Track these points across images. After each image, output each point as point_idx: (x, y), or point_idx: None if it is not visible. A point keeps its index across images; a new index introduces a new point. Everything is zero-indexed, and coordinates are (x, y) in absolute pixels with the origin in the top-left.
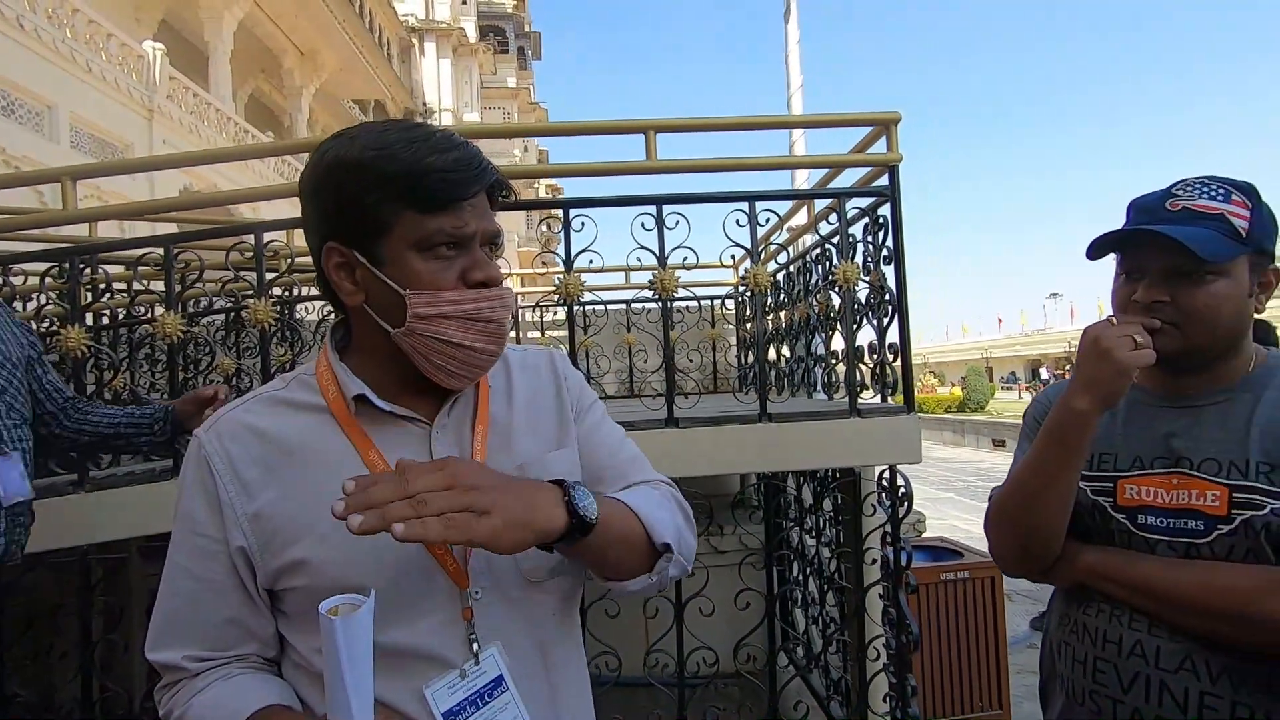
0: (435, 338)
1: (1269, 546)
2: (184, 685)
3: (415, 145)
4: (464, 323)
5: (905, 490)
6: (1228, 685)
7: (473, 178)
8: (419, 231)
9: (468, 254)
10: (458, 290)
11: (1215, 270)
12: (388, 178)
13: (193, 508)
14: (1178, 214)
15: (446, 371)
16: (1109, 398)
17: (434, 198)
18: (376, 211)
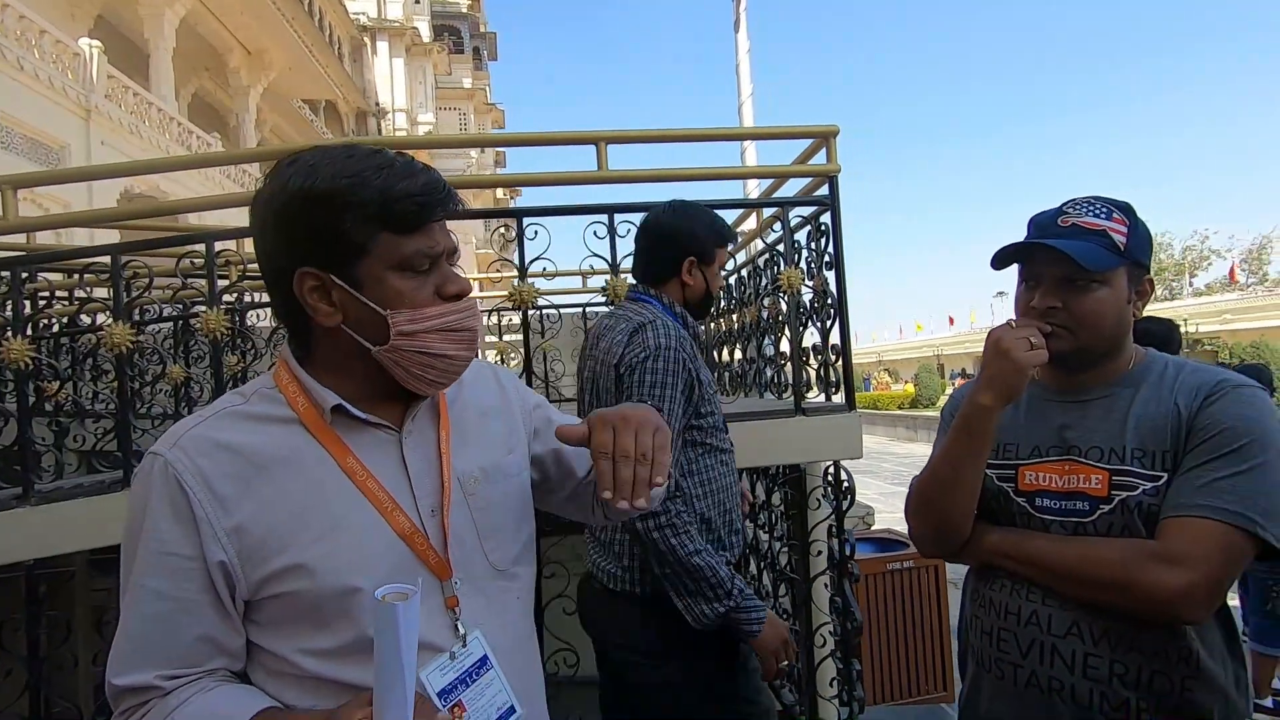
0: (419, 351)
1: (1140, 522)
2: (155, 705)
3: (384, 171)
4: (444, 334)
5: (848, 485)
6: (1106, 647)
7: (440, 200)
8: (397, 253)
9: (439, 270)
10: (435, 305)
11: (1098, 279)
12: (363, 204)
13: (160, 526)
14: (1067, 230)
15: (426, 380)
16: (1010, 393)
17: (408, 220)
18: (353, 237)
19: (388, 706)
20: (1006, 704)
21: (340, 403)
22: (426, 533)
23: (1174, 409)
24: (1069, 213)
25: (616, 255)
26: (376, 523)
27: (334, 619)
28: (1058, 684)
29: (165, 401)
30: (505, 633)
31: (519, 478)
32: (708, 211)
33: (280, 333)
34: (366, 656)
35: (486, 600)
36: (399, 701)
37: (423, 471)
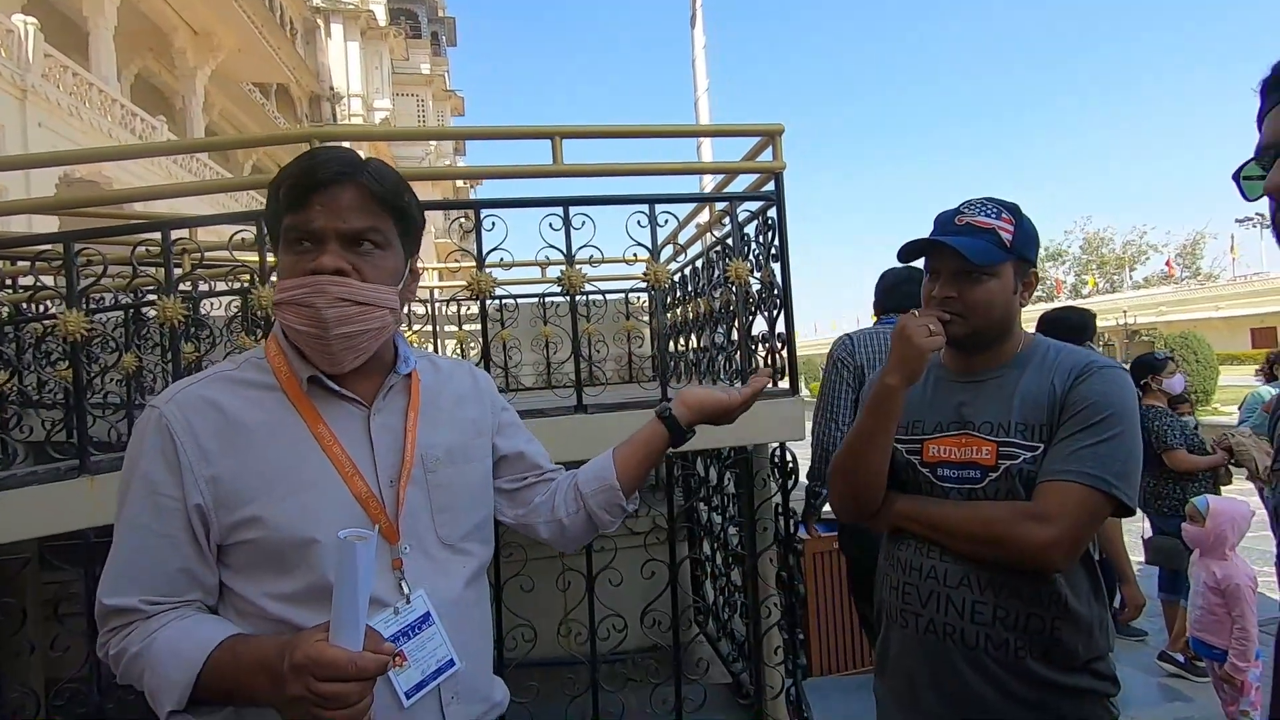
0: (284, 322)
1: (1021, 487)
2: (138, 625)
3: (300, 160)
4: (293, 308)
5: (793, 465)
6: (991, 594)
7: (311, 178)
8: (285, 228)
9: (322, 248)
10: (289, 279)
11: (988, 272)
12: (274, 190)
13: (151, 470)
14: (962, 228)
15: (311, 351)
16: (912, 374)
17: (288, 199)
18: (273, 220)
19: (342, 630)
20: (910, 649)
21: (315, 374)
22: (383, 500)
23: (1051, 388)
24: (964, 212)
25: (572, 247)
26: (337, 485)
27: (294, 566)
28: (951, 629)
29: (118, 391)
30: (450, 595)
31: (482, 463)
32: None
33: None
34: (321, 602)
35: (433, 566)
36: (352, 628)
37: (386, 445)
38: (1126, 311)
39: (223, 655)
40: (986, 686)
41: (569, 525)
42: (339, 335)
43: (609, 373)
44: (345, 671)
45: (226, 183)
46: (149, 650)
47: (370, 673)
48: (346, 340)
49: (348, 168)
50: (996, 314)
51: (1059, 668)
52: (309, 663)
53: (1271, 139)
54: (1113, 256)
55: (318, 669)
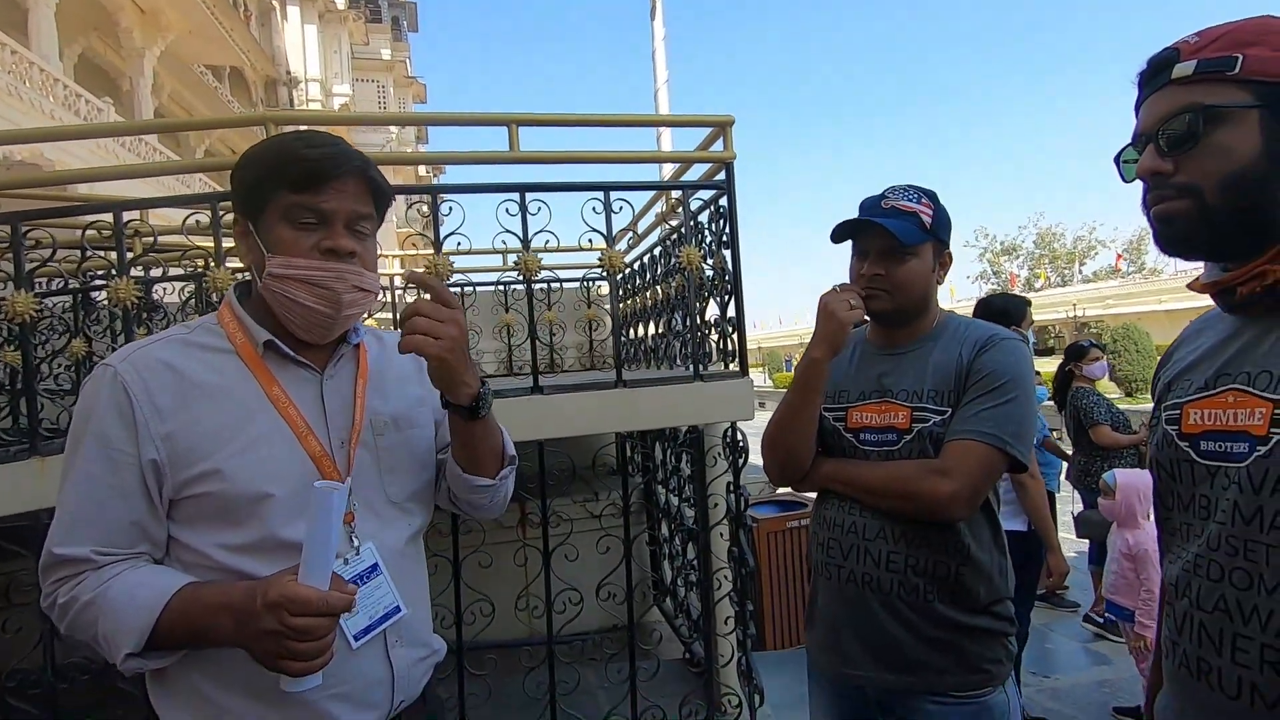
0: (283, 294)
1: (931, 447)
2: (88, 576)
3: (297, 143)
4: (309, 286)
5: (743, 444)
6: (903, 544)
7: (334, 164)
8: (286, 204)
9: (327, 228)
10: (305, 258)
11: (911, 252)
12: (270, 165)
13: (106, 424)
14: (888, 211)
15: (296, 325)
16: (835, 346)
17: (301, 179)
18: (261, 191)
19: (313, 571)
20: (833, 599)
21: (271, 338)
22: (334, 459)
23: (959, 357)
24: (889, 197)
25: (528, 232)
26: (292, 443)
27: (245, 519)
28: (869, 578)
29: (68, 376)
30: (395, 548)
31: (425, 430)
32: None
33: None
34: (273, 553)
35: (380, 522)
36: (322, 569)
37: (338, 409)
38: (1076, 305)
39: (183, 599)
40: (900, 629)
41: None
42: (345, 316)
43: (570, 360)
44: (316, 607)
45: (182, 164)
46: (103, 598)
47: (338, 609)
48: (347, 320)
49: (361, 161)
50: (918, 290)
51: (963, 609)
52: (283, 599)
53: (1144, 127)
54: (1064, 251)
55: (291, 605)
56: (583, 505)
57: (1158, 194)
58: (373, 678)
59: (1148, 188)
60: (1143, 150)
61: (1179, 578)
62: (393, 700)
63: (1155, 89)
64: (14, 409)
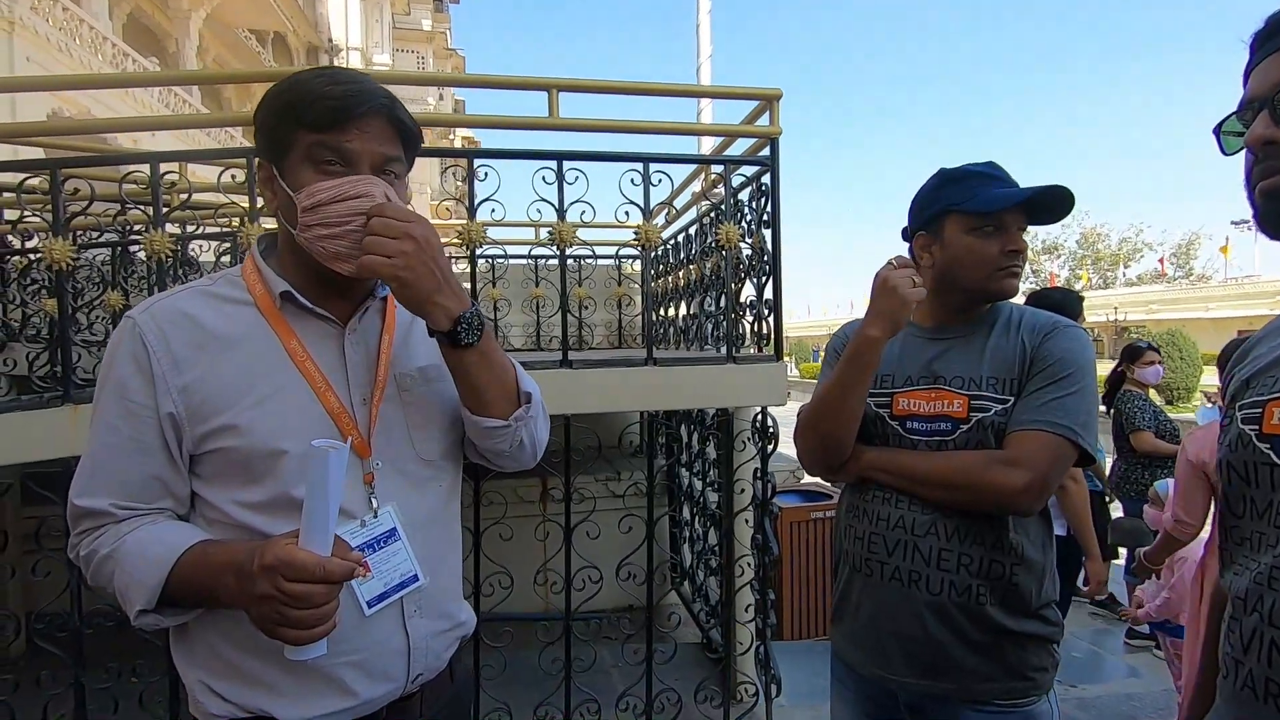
0: (321, 225)
1: (992, 437)
2: (108, 529)
3: (320, 78)
4: (343, 203)
5: (773, 430)
6: (956, 541)
7: (357, 102)
8: (308, 144)
9: (354, 169)
10: (329, 179)
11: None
12: (290, 104)
13: (125, 376)
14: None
15: (341, 256)
16: (895, 325)
17: (323, 119)
18: (282, 132)
19: (312, 536)
20: (873, 597)
21: (288, 289)
22: (355, 416)
23: (1020, 343)
24: (1002, 174)
25: (564, 202)
26: (309, 398)
27: (262, 476)
28: (916, 575)
29: (103, 328)
30: (420, 511)
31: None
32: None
33: (220, 264)
34: (287, 512)
35: (408, 482)
36: (321, 534)
37: (359, 364)
38: (1118, 308)
39: (192, 557)
40: (945, 632)
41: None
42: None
43: (598, 338)
44: (313, 574)
45: (219, 118)
46: (119, 551)
47: (336, 577)
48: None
49: (386, 99)
50: None
51: (1014, 613)
52: (278, 563)
53: (1257, 92)
54: (1108, 253)
55: (287, 569)
56: (605, 484)
57: (1267, 166)
58: (388, 647)
59: (1253, 160)
60: (1252, 119)
61: (1248, 590)
62: (409, 672)
63: (1272, 51)
64: (52, 356)
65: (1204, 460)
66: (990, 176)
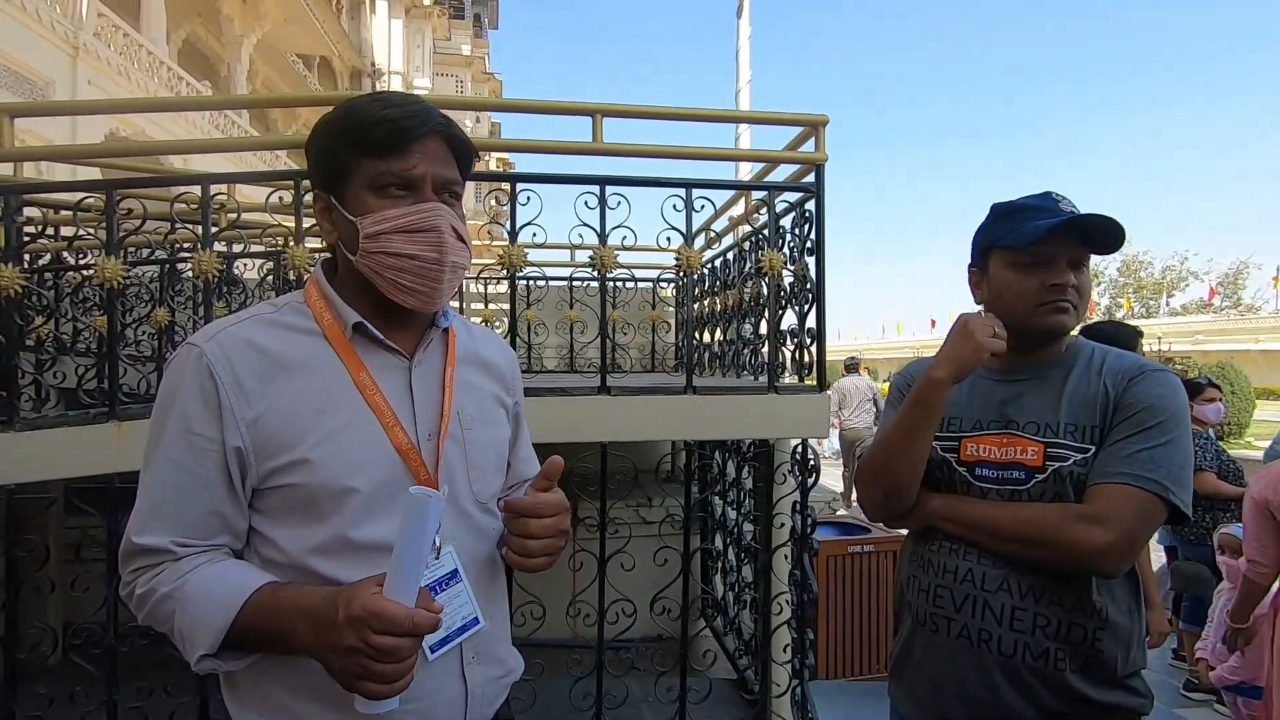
0: (383, 252)
1: (1071, 489)
2: (167, 567)
3: (375, 103)
4: (407, 235)
5: (814, 463)
6: (1031, 600)
7: (417, 124)
8: (371, 173)
9: (417, 194)
10: (396, 207)
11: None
12: (347, 130)
13: (190, 408)
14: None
15: (404, 288)
16: (963, 371)
17: (383, 143)
18: (340, 160)
19: (399, 586)
20: (938, 654)
21: (361, 321)
22: (421, 453)
23: (1102, 388)
24: (1063, 199)
25: (606, 226)
26: (378, 434)
27: (327, 515)
28: (986, 634)
29: (150, 344)
30: (478, 554)
31: (502, 430)
32: None
33: (268, 283)
34: (346, 555)
35: (466, 523)
36: (410, 583)
37: (426, 399)
38: (1161, 338)
39: (262, 599)
40: (1018, 697)
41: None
42: (451, 264)
43: (632, 361)
44: (402, 626)
45: (267, 140)
46: (181, 592)
47: (424, 629)
48: (454, 272)
49: (443, 119)
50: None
51: (1097, 682)
52: (367, 615)
53: None
54: (1150, 281)
55: (376, 621)
56: (636, 509)
57: None
58: (446, 695)
59: None
60: None
61: None
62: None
63: None
64: (99, 372)
65: (1267, 499)
66: (1038, 209)
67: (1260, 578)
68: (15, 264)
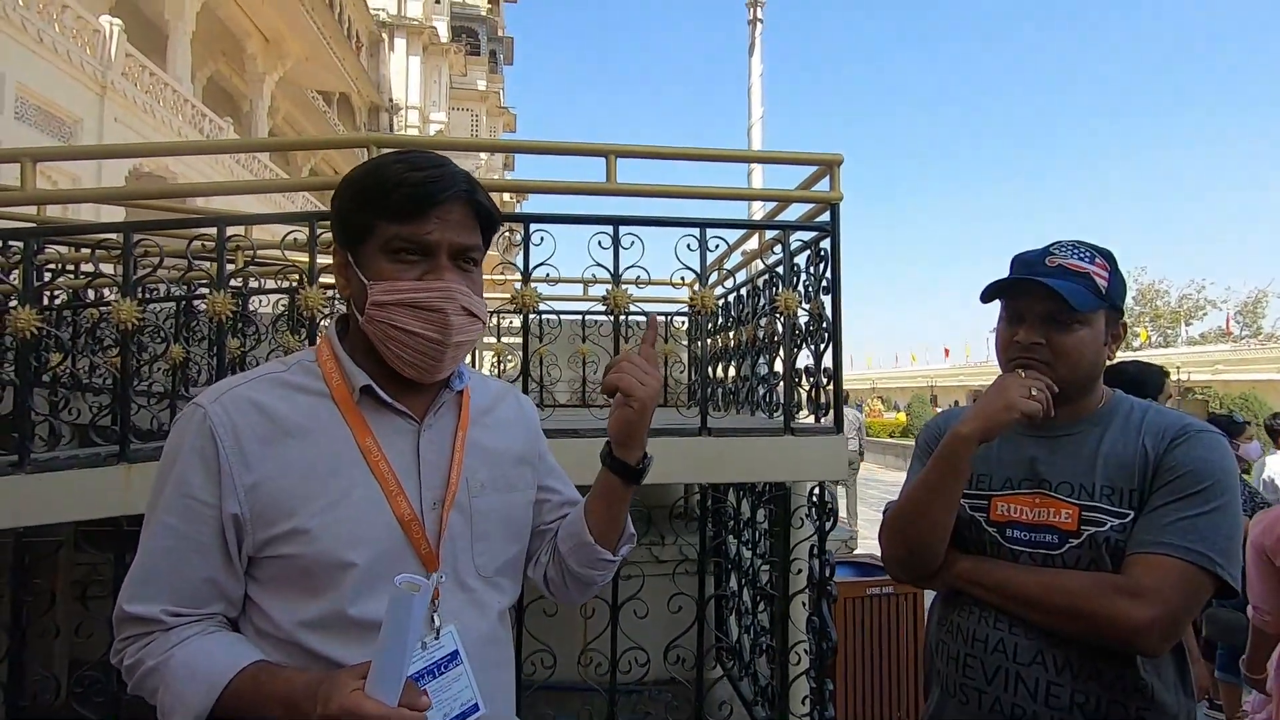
0: (388, 323)
1: (1108, 557)
2: (157, 637)
3: (398, 165)
4: (414, 310)
5: (832, 505)
6: (1069, 676)
7: (438, 191)
8: (386, 235)
9: (432, 261)
10: (407, 281)
11: (1081, 319)
12: (367, 191)
13: (187, 471)
14: (1054, 270)
15: (404, 360)
16: (991, 430)
17: (400, 207)
18: (360, 220)
19: (382, 682)
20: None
21: (369, 384)
22: (424, 523)
23: (1141, 449)
24: (1055, 254)
25: (619, 267)
26: (379, 503)
27: (323, 589)
28: (1020, 711)
29: (163, 380)
30: (480, 632)
31: (524, 494)
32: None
33: (282, 320)
34: (343, 632)
35: (467, 598)
36: (392, 680)
37: (433, 464)
38: (1180, 368)
39: (244, 683)
40: None
41: (554, 579)
42: (455, 344)
43: None
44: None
45: (283, 183)
46: (166, 666)
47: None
48: (457, 350)
49: (467, 184)
50: (1085, 365)
51: None
52: (343, 713)
53: None
54: (1167, 310)
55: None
56: (648, 548)
57: None
58: None
59: None
60: None
61: None
62: None
63: None
64: (113, 413)
65: (1264, 544)
66: (1026, 263)
67: (1265, 625)
68: (34, 305)
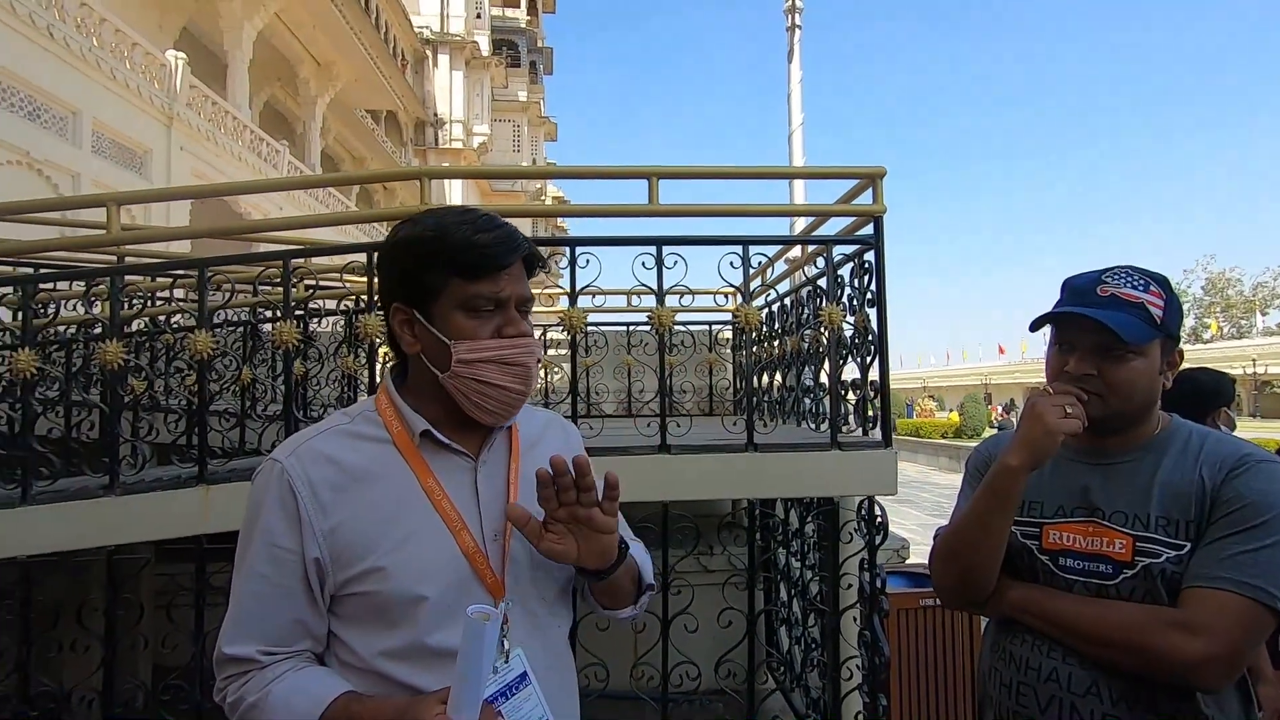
0: (474, 379)
1: (1163, 589)
2: (254, 675)
3: (464, 226)
4: (499, 366)
5: (882, 520)
6: (1125, 708)
7: (508, 251)
8: (463, 294)
9: (503, 313)
10: (493, 339)
11: (1135, 351)
12: (439, 252)
13: (271, 521)
14: (1106, 299)
15: (485, 410)
16: (1038, 457)
17: (477, 268)
18: (431, 279)
19: (462, 706)
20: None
21: (428, 428)
22: (487, 554)
23: (1199, 480)
24: (1108, 282)
25: (663, 286)
26: (445, 538)
27: (399, 622)
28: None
29: (231, 400)
30: (546, 655)
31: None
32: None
33: (335, 337)
34: (422, 660)
35: (533, 623)
36: (472, 703)
37: (491, 499)
38: (1256, 360)
39: (337, 711)
40: None
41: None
42: (526, 391)
43: (689, 403)
44: None
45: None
46: (266, 702)
47: None
48: (525, 397)
49: (527, 243)
50: (1140, 395)
51: None
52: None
53: None
54: (1241, 300)
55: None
56: (697, 558)
57: None
58: None
59: None
60: None
61: None
62: None
63: None
64: (189, 436)
65: None
66: (1072, 290)
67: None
68: (119, 339)
